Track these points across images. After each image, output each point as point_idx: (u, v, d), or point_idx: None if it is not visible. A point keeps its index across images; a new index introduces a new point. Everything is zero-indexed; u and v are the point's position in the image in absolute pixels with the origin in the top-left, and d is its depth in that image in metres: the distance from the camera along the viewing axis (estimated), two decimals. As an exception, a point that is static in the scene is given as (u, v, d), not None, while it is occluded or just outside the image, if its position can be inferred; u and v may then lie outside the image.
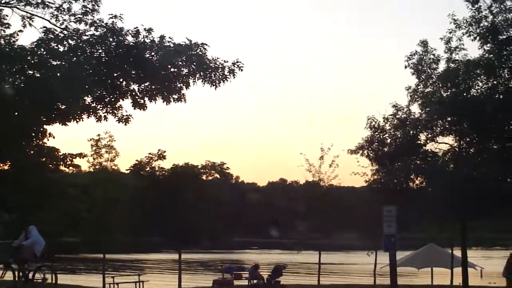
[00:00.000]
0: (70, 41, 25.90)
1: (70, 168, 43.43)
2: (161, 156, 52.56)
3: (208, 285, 54.79)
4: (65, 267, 73.51)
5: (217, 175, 56.20)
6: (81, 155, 42.94)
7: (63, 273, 66.60)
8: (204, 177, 55.05)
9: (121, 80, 26.47)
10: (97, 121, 26.98)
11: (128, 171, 55.04)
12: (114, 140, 53.46)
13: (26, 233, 27.38)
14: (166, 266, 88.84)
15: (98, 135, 52.14)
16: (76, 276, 69.25)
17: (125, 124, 27.14)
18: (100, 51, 25.85)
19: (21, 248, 26.70)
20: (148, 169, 53.38)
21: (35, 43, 25.52)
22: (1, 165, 36.55)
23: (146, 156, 53.32)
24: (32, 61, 25.47)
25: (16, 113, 25.68)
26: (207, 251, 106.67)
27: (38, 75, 25.63)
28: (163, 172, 53.53)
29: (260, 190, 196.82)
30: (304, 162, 53.17)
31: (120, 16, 25.87)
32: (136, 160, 53.83)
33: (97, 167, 52.80)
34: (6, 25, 27.06)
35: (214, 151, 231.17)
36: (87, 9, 26.11)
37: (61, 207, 48.30)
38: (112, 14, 25.89)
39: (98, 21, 26.06)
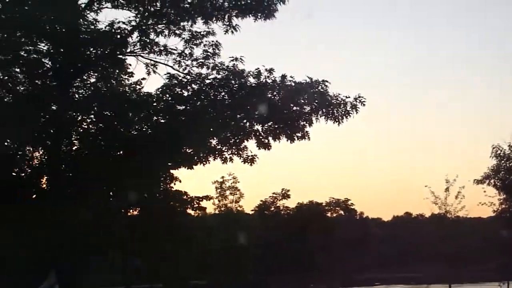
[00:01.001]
0: (193, 86, 26.25)
1: (197, 211, 43.93)
2: (285, 195, 52.75)
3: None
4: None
5: (342, 212, 55.89)
6: (207, 198, 43.33)
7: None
8: (329, 214, 54.87)
9: (244, 121, 26.49)
10: (223, 163, 27.07)
11: (253, 211, 55.38)
12: (238, 182, 54.05)
13: (49, 279, 25.28)
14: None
15: (222, 177, 52.82)
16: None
17: (251, 165, 27.13)
18: (223, 93, 26.04)
19: None
20: (272, 208, 53.57)
21: (160, 89, 26.03)
22: (131, 211, 37.20)
23: (270, 196, 53.57)
24: (158, 107, 26.00)
25: (144, 159, 26.08)
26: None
27: (163, 120, 26.11)
28: (288, 211, 53.62)
29: (385, 224, 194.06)
30: (430, 194, 52.16)
31: (241, 59, 26.08)
32: (261, 201, 54.18)
33: (222, 209, 53.43)
34: (130, 74, 27.72)
35: (338, 187, 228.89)
36: (208, 54, 26.46)
37: (189, 250, 48.83)
38: (233, 57, 26.12)
39: (219, 65, 26.34)
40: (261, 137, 26.59)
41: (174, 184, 30.74)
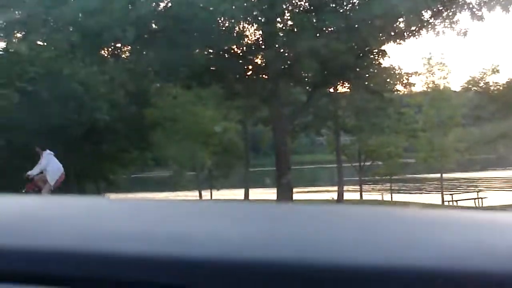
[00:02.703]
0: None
1: (406, 87, 43.85)
2: (495, 70, 51.51)
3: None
4: (403, 187, 74.62)
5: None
6: (416, 73, 43.17)
7: (400, 193, 67.81)
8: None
9: (458, -7, 26.20)
10: (435, 36, 27.09)
11: (461, 88, 54.62)
12: (443, 58, 53.37)
13: (41, 159, 22.09)
14: (505, 184, 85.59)
15: (430, 53, 52.13)
16: (415, 195, 69.92)
17: (464, 37, 26.99)
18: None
19: (32, 177, 21.66)
20: (481, 84, 52.61)
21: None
22: (339, 87, 37.46)
23: (479, 72, 52.60)
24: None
25: (358, 34, 26.33)
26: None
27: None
28: (498, 86, 52.48)
29: None
30: None
31: None
32: (470, 77, 53.25)
33: (429, 85, 52.92)
34: None
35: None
36: None
37: (398, 128, 48.93)
38: None
39: None
40: (474, 9, 26.22)
41: (383, 59, 30.80)
